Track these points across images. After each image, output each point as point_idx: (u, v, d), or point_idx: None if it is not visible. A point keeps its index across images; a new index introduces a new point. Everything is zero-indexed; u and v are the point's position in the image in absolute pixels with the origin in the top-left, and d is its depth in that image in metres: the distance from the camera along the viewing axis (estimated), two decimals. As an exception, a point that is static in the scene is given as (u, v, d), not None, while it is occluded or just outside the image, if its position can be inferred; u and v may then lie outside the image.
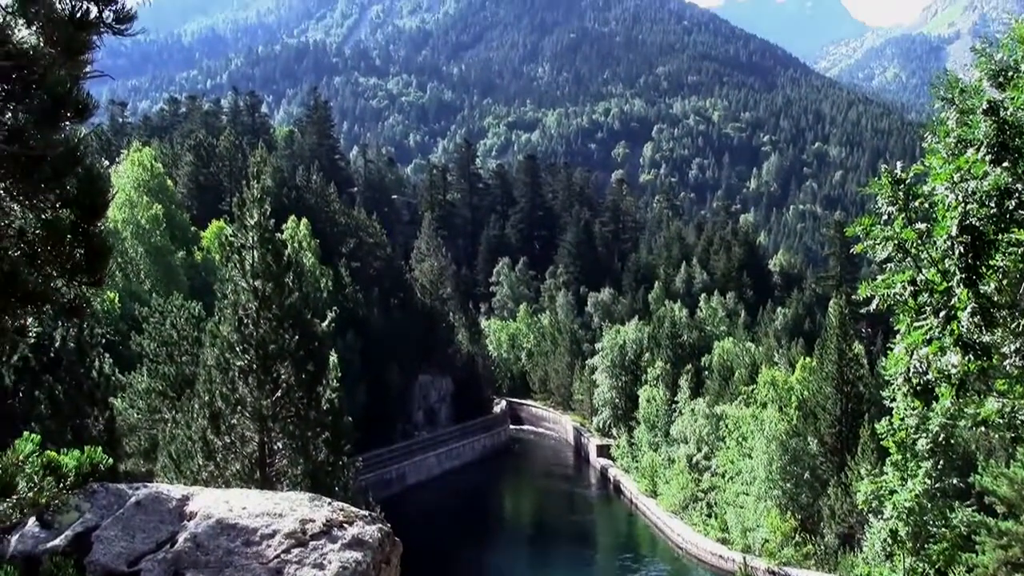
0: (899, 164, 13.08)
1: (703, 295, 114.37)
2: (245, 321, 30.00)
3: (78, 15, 5.68)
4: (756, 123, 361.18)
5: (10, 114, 6.36)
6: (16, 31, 5.93)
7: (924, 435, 27.17)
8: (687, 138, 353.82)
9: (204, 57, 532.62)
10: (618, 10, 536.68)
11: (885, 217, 12.79)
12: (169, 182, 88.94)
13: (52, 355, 32.30)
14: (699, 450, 76.43)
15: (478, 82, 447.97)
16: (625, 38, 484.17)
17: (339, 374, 45.49)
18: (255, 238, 30.37)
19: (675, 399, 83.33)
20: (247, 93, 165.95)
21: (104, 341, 42.57)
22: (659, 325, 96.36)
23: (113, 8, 5.75)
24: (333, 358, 41.89)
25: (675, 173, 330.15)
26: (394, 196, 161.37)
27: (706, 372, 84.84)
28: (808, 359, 73.09)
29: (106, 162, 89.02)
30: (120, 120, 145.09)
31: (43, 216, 6.65)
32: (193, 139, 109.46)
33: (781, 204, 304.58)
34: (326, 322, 38.33)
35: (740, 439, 67.73)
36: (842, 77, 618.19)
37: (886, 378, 15.34)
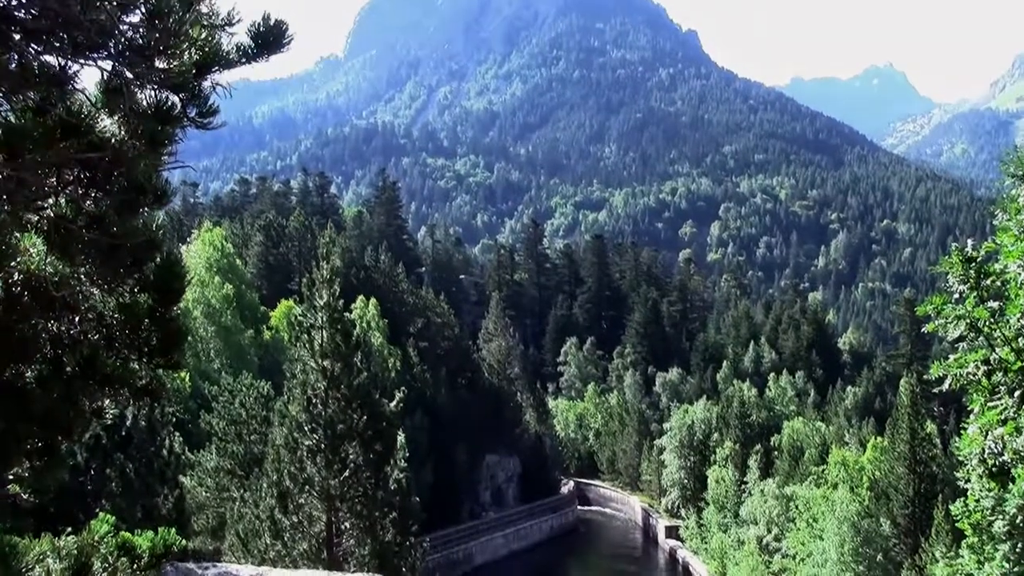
0: (969, 242, 13.00)
1: (772, 374, 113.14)
2: (314, 401, 30.21)
3: (163, 109, 5.85)
4: (824, 201, 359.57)
5: (91, 201, 6.54)
6: (99, 121, 6.11)
7: (1001, 517, 26.61)
8: (754, 216, 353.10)
9: (274, 139, 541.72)
10: (684, 90, 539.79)
11: (956, 295, 12.70)
12: (239, 262, 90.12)
13: (123, 433, 32.65)
14: (769, 531, 75.22)
15: (545, 162, 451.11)
16: (691, 117, 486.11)
17: (407, 454, 45.50)
18: (324, 318, 30.67)
19: (744, 479, 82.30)
20: (316, 174, 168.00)
21: (174, 419, 42.98)
22: (728, 405, 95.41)
23: (197, 103, 5.92)
24: (401, 438, 41.92)
25: (742, 252, 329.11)
26: (462, 276, 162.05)
27: (776, 452, 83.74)
28: (879, 439, 71.91)
29: (178, 242, 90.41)
30: (192, 200, 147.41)
31: (121, 300, 6.80)
32: (263, 219, 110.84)
33: (850, 282, 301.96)
34: (394, 402, 38.37)
35: (811, 520, 66.64)
36: (910, 154, 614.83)
37: (960, 458, 15.08)
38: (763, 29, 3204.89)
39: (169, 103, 5.88)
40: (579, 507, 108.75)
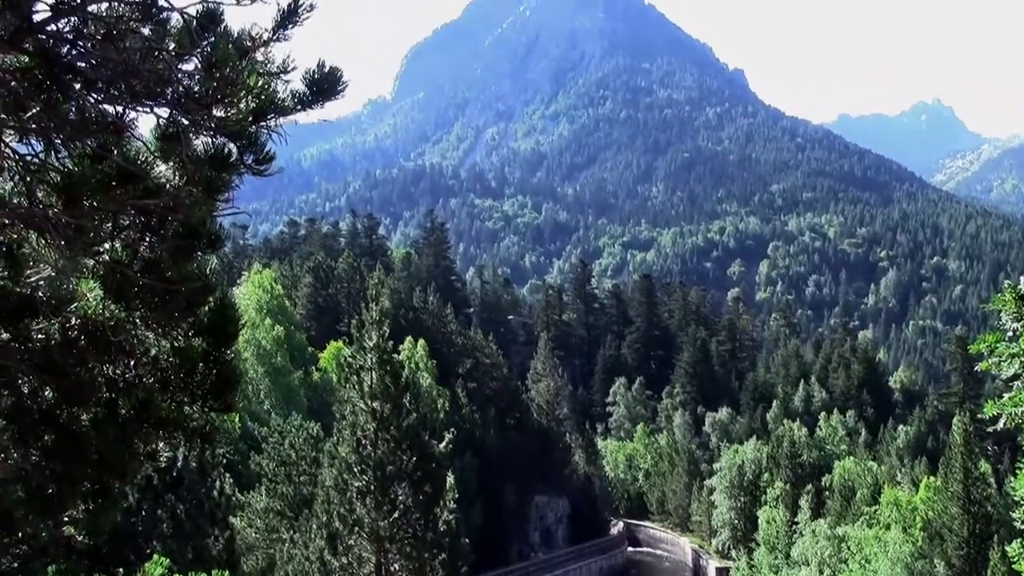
0: (1022, 278, 12.85)
1: (822, 413, 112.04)
2: (363, 442, 30.30)
3: (220, 156, 5.91)
4: (873, 238, 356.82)
5: (146, 246, 6.62)
6: (155, 167, 6.19)
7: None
8: (803, 255, 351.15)
9: (323, 180, 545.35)
10: (731, 129, 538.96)
11: (1010, 333, 12.56)
12: (288, 303, 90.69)
13: (175, 474, 32.86)
14: (821, 572, 74.24)
15: (593, 202, 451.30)
16: (739, 156, 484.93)
17: (456, 495, 45.47)
18: (374, 359, 30.80)
19: (795, 520, 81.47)
20: (365, 216, 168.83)
21: (225, 461, 43.18)
22: (778, 444, 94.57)
23: (254, 150, 5.98)
24: (450, 479, 41.88)
25: (791, 290, 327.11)
26: (510, 317, 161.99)
27: (827, 492, 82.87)
28: (932, 478, 70.96)
29: (228, 284, 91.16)
30: (241, 243, 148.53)
31: (176, 344, 6.87)
32: (312, 261, 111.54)
33: (900, 320, 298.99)
34: (443, 443, 38.34)
35: (863, 561, 65.77)
36: (959, 190, 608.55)
37: (1016, 498, 14.85)
38: (810, 66, 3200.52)
39: (226, 150, 5.95)
40: (629, 548, 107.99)
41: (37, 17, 5.64)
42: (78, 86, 5.79)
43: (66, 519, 7.75)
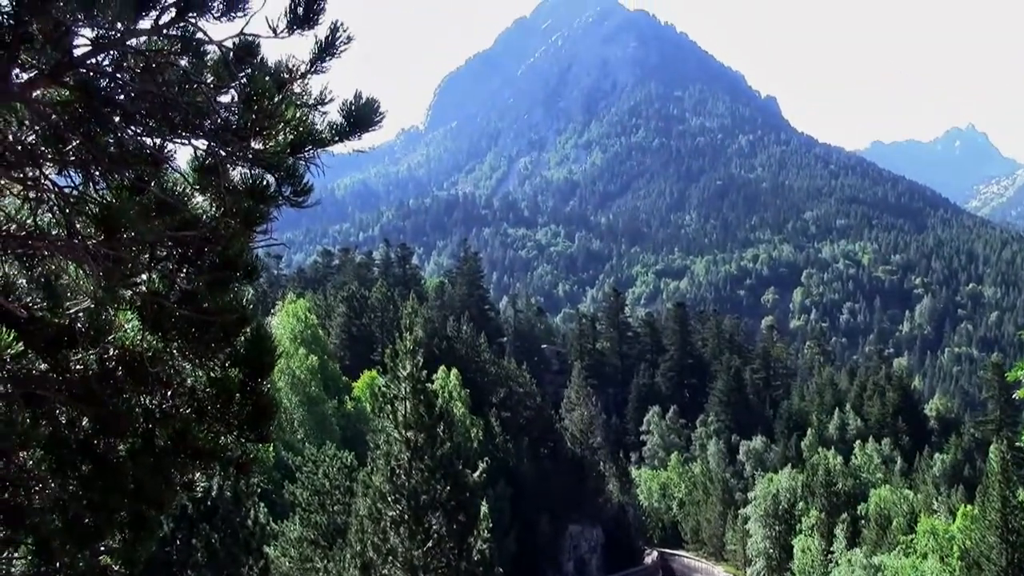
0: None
1: (857, 441, 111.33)
2: (397, 471, 30.31)
3: (258, 188, 5.95)
4: (907, 265, 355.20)
5: (183, 276, 6.66)
6: (192, 198, 6.23)
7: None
8: (837, 282, 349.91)
9: (356, 210, 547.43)
10: (764, 156, 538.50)
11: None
12: (322, 333, 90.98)
13: (209, 503, 32.92)
14: (858, 602, 73.60)
15: (626, 231, 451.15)
16: (772, 184, 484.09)
17: (490, 524, 45.32)
18: (407, 389, 30.84)
19: (831, 549, 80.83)
20: (398, 245, 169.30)
21: (259, 490, 43.25)
22: (813, 473, 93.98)
23: (292, 182, 6.01)
24: (484, 508, 41.79)
25: (826, 318, 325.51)
26: (543, 346, 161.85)
27: (862, 521, 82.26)
28: (969, 507, 70.21)
29: (262, 314, 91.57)
30: (276, 272, 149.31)
31: (212, 374, 6.89)
32: (346, 290, 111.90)
33: (935, 347, 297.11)
34: (477, 472, 38.31)
35: (900, 591, 65.16)
36: (994, 216, 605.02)
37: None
38: (842, 93, 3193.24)
39: (264, 182, 5.98)
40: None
41: (77, 51, 5.71)
42: (117, 119, 5.85)
43: (103, 549, 7.78)
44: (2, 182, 6.16)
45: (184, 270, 6.68)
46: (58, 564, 7.81)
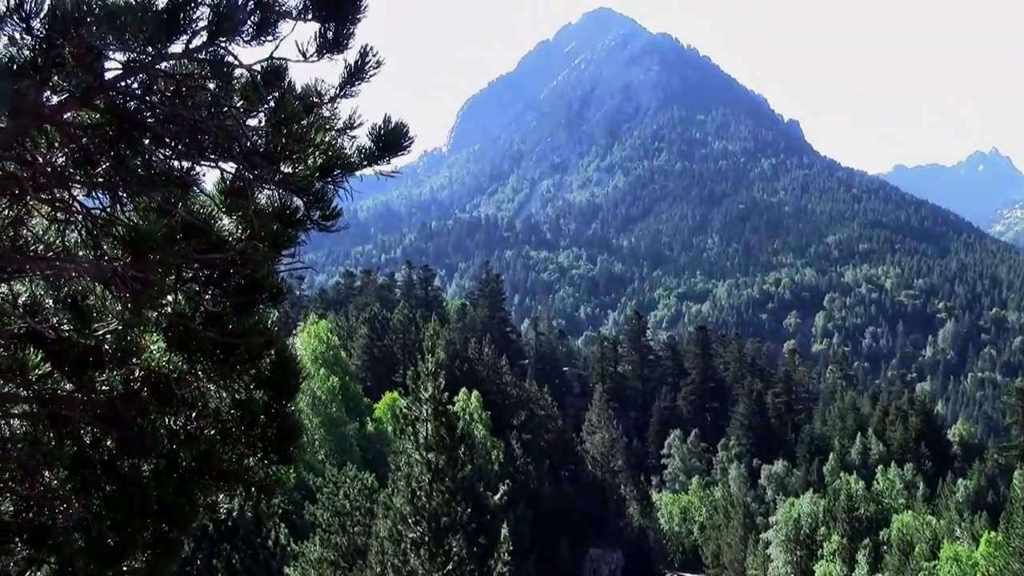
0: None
1: (879, 466, 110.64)
2: (418, 493, 30.28)
3: (287, 211, 5.97)
4: (930, 290, 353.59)
5: (208, 298, 6.68)
6: (219, 220, 6.26)
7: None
8: (859, 306, 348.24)
9: (379, 232, 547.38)
10: (786, 180, 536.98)
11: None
12: (344, 354, 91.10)
13: (230, 524, 32.96)
14: (879, 629, 73.21)
15: (648, 254, 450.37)
16: (794, 208, 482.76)
17: (510, 547, 45.19)
18: (429, 410, 30.84)
19: (853, 574, 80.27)
20: (420, 267, 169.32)
21: (280, 511, 43.27)
22: (835, 498, 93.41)
23: (320, 206, 6.03)
24: (504, 531, 41.70)
25: (848, 342, 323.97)
26: (565, 368, 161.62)
27: (885, 547, 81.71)
28: (993, 533, 69.73)
29: (284, 335, 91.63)
30: (298, 293, 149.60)
31: (237, 396, 6.91)
32: (368, 312, 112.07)
33: (958, 372, 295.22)
34: (498, 495, 38.25)
35: (923, 618, 64.78)
36: (1018, 240, 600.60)
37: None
38: (865, 117, 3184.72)
39: (293, 206, 6.00)
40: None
41: (108, 74, 5.74)
42: (147, 141, 5.89)
43: (126, 569, 7.79)
44: (31, 203, 6.20)
45: (210, 292, 6.71)
46: (82, 584, 7.82)
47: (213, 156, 5.95)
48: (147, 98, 5.86)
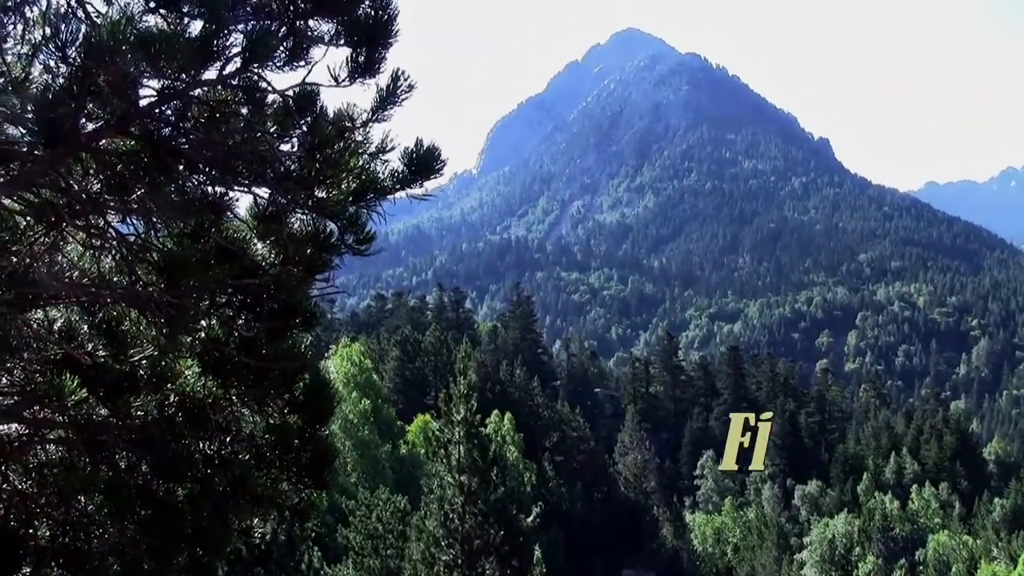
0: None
1: (914, 486, 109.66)
2: (451, 515, 30.25)
3: (321, 236, 5.98)
4: (963, 307, 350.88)
5: (242, 323, 6.70)
6: (252, 245, 6.28)
7: None
8: (892, 325, 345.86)
9: (410, 255, 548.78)
10: (817, 199, 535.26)
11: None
12: (376, 377, 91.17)
13: (263, 547, 32.98)
14: (917, 650, 72.46)
15: (679, 274, 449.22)
16: (825, 226, 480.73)
17: (543, 569, 45.03)
18: (461, 433, 30.82)
19: (889, 596, 79.63)
20: (451, 289, 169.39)
21: (313, 534, 43.28)
22: (869, 518, 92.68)
23: (354, 230, 6.04)
24: (537, 553, 41.58)
25: (881, 361, 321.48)
26: (597, 389, 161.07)
27: (921, 567, 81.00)
28: (1030, 553, 69.10)
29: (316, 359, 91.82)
30: (329, 316, 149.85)
31: (271, 421, 6.92)
32: (399, 334, 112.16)
33: (993, 390, 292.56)
34: (531, 517, 38.18)
35: (961, 639, 64.12)
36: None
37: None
38: (895, 134, 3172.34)
39: (327, 230, 6.01)
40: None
41: (143, 102, 5.78)
42: (181, 167, 5.91)
43: (160, 594, 7.79)
44: (67, 230, 6.24)
45: (243, 317, 6.72)
46: (117, 609, 7.82)
47: (246, 181, 5.97)
48: (181, 125, 5.89)
